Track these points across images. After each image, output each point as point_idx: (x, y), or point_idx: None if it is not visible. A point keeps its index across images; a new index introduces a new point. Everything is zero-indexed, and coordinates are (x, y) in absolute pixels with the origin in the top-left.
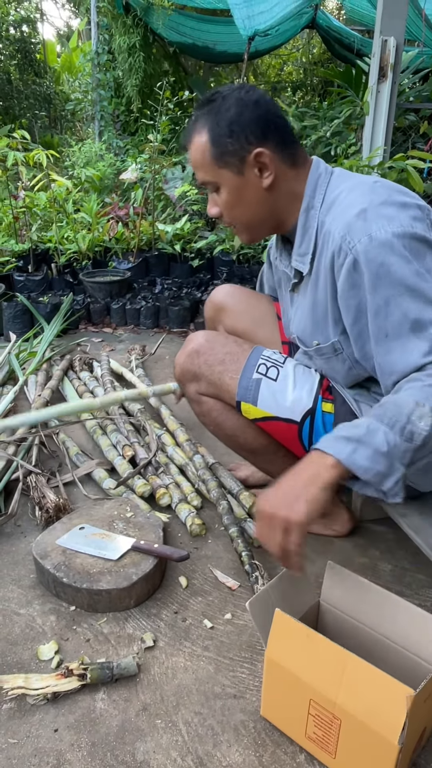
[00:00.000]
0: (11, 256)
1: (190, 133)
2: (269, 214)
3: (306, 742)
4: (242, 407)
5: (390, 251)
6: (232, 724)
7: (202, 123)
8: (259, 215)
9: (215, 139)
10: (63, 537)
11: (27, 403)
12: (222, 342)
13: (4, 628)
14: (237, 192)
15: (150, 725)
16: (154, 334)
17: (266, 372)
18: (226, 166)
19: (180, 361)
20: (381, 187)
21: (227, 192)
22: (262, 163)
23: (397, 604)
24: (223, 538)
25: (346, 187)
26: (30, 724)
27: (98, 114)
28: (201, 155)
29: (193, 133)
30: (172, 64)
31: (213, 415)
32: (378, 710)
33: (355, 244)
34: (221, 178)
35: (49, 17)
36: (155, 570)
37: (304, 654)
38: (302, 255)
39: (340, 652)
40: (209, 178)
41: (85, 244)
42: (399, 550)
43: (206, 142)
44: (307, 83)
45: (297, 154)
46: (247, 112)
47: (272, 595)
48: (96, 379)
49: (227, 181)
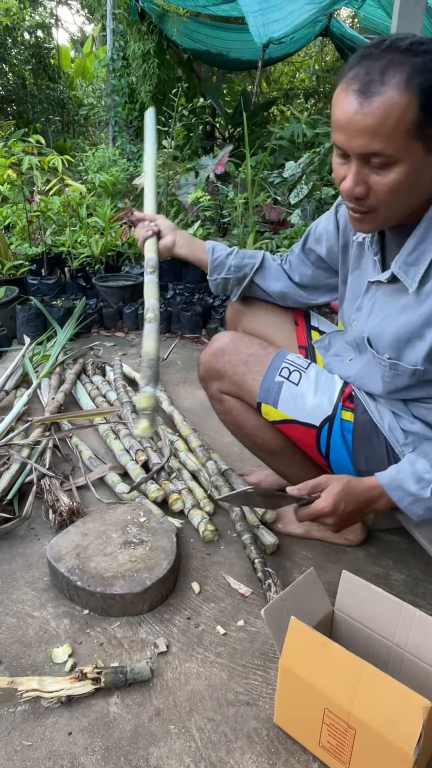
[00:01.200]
0: (25, 259)
1: (375, 84)
2: (420, 204)
3: (319, 751)
4: (262, 409)
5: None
6: (245, 732)
7: (408, 77)
8: (415, 205)
9: (426, 105)
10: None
11: (40, 406)
12: (247, 343)
13: (18, 630)
14: (416, 174)
15: (163, 730)
16: (166, 339)
17: (288, 376)
18: (421, 140)
19: (205, 359)
20: None
21: (405, 172)
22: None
23: (413, 615)
24: (236, 545)
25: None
26: (44, 727)
27: (112, 119)
28: (394, 119)
29: (387, 88)
30: (185, 70)
31: (233, 414)
32: (394, 721)
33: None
34: (408, 154)
35: (64, 23)
36: (168, 575)
37: (319, 662)
38: (409, 265)
39: (355, 662)
40: (390, 151)
41: (98, 248)
42: (412, 559)
43: (410, 104)
44: (320, 90)
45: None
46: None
47: (287, 602)
48: (108, 383)
49: (412, 159)
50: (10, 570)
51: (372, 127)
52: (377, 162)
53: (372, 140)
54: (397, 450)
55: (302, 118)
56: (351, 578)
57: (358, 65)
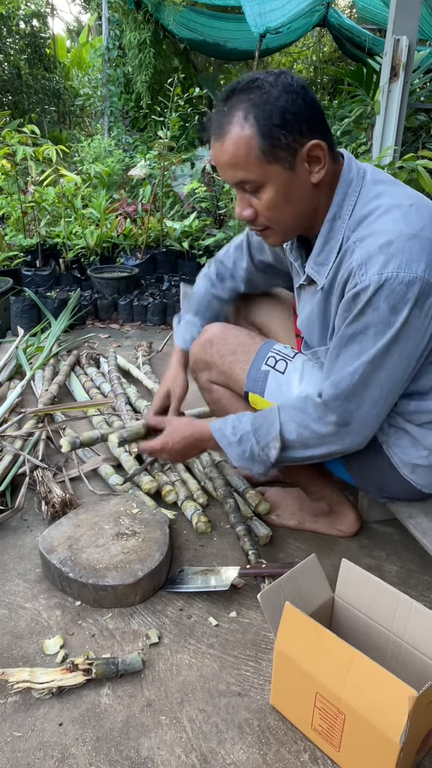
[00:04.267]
0: (19, 250)
1: (223, 127)
2: (311, 212)
3: (312, 734)
4: (250, 398)
5: (388, 299)
6: (237, 722)
7: (244, 114)
8: (302, 214)
9: (266, 132)
10: (167, 587)
11: (34, 398)
12: (235, 334)
13: (10, 621)
14: (285, 190)
15: (154, 721)
16: (161, 331)
17: (275, 365)
18: (277, 161)
19: (194, 350)
20: (415, 213)
21: (274, 190)
22: (314, 156)
23: (410, 605)
24: (229, 536)
25: (379, 207)
26: (35, 718)
27: (108, 110)
28: (245, 151)
29: (231, 126)
30: (182, 60)
31: (222, 403)
32: (381, 708)
33: (366, 279)
34: (268, 176)
35: (59, 12)
36: (161, 567)
37: (312, 648)
38: (319, 265)
39: (346, 649)
40: (253, 177)
41: (93, 239)
42: (405, 551)
43: (253, 135)
44: (317, 82)
45: (335, 147)
46: (299, 99)
47: (284, 588)
48: (103, 375)
49: (276, 178)
50: (2, 561)
51: (229, 161)
52: (249, 188)
53: (234, 172)
54: (381, 439)
55: None
56: (351, 567)
57: (214, 113)
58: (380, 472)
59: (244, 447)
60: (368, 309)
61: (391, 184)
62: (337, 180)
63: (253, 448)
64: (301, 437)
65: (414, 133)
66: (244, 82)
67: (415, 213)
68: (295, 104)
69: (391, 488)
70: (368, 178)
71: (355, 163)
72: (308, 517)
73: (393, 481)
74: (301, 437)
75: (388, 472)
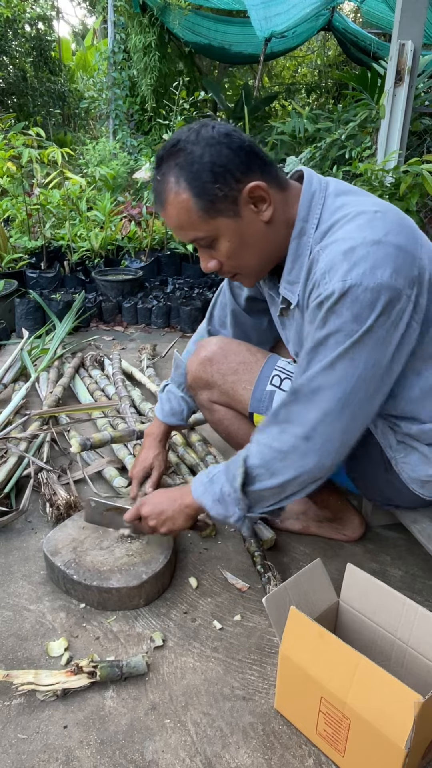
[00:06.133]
0: (24, 252)
1: (161, 194)
2: (273, 247)
3: (316, 738)
4: (255, 418)
5: (352, 306)
6: (241, 726)
7: (176, 179)
8: (265, 253)
9: (200, 191)
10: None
11: (38, 400)
12: (235, 350)
13: (15, 623)
14: (238, 237)
15: (159, 725)
16: (165, 334)
17: (280, 384)
18: (220, 214)
19: (192, 369)
20: (381, 219)
21: (228, 240)
22: (257, 197)
23: (415, 610)
24: (233, 540)
25: (345, 216)
26: (39, 720)
27: (113, 113)
28: (186, 214)
29: (167, 193)
30: (187, 64)
31: (225, 423)
32: (386, 713)
33: (330, 286)
34: (217, 230)
35: (65, 15)
36: (165, 569)
37: (317, 652)
38: (291, 283)
39: (351, 654)
40: (202, 234)
41: (97, 242)
42: (409, 556)
43: (188, 198)
44: (322, 85)
45: (279, 175)
46: (223, 149)
47: (289, 592)
48: (107, 377)
49: (225, 229)
50: (7, 563)
51: (176, 225)
52: (204, 243)
53: (184, 233)
54: (389, 455)
55: (304, 112)
56: (356, 571)
57: (153, 183)
58: (388, 485)
59: (215, 488)
60: (331, 317)
61: (355, 194)
62: (294, 204)
63: (224, 488)
64: (263, 459)
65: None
66: (168, 147)
67: (381, 219)
68: (221, 155)
69: (397, 499)
70: (331, 190)
71: (317, 177)
72: (313, 521)
73: (400, 494)
74: (263, 459)
75: (395, 486)
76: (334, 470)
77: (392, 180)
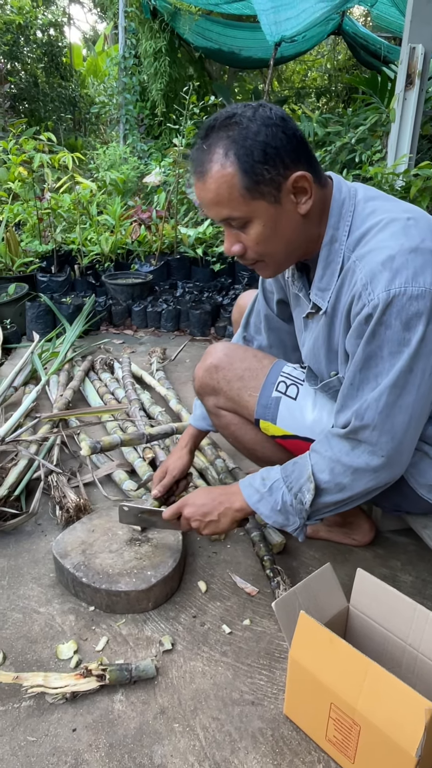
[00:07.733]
0: (35, 256)
1: (203, 164)
2: (303, 242)
3: (326, 745)
4: (261, 424)
5: (399, 315)
6: (250, 731)
7: (225, 151)
8: (293, 245)
9: (248, 168)
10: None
11: (48, 403)
12: (241, 356)
13: (24, 626)
14: (273, 224)
15: (167, 729)
16: (175, 337)
17: (286, 390)
18: (261, 196)
19: (199, 375)
20: (414, 226)
21: (262, 225)
22: (300, 188)
23: (426, 616)
24: (242, 543)
25: (377, 223)
26: (48, 723)
27: (123, 117)
28: (227, 189)
29: (212, 165)
30: (197, 68)
31: (231, 428)
32: (397, 720)
33: (374, 297)
34: (253, 212)
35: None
36: (174, 573)
37: (327, 658)
38: (322, 290)
39: (361, 660)
40: (238, 214)
41: (108, 246)
42: (420, 561)
43: (235, 173)
44: (332, 89)
45: (321, 172)
46: (279, 131)
47: (299, 596)
48: (117, 380)
49: (262, 213)
50: (17, 566)
51: (213, 200)
52: (236, 224)
53: (219, 209)
54: None
55: (314, 116)
56: (366, 576)
57: (193, 151)
58: (396, 491)
59: (276, 497)
60: (380, 328)
61: (384, 199)
62: (328, 205)
63: (285, 497)
64: (333, 474)
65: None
66: (221, 119)
67: (414, 226)
68: (276, 137)
69: (406, 505)
70: (360, 197)
71: (345, 183)
72: (322, 526)
73: (409, 499)
74: (333, 474)
75: (403, 491)
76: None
77: (402, 183)
